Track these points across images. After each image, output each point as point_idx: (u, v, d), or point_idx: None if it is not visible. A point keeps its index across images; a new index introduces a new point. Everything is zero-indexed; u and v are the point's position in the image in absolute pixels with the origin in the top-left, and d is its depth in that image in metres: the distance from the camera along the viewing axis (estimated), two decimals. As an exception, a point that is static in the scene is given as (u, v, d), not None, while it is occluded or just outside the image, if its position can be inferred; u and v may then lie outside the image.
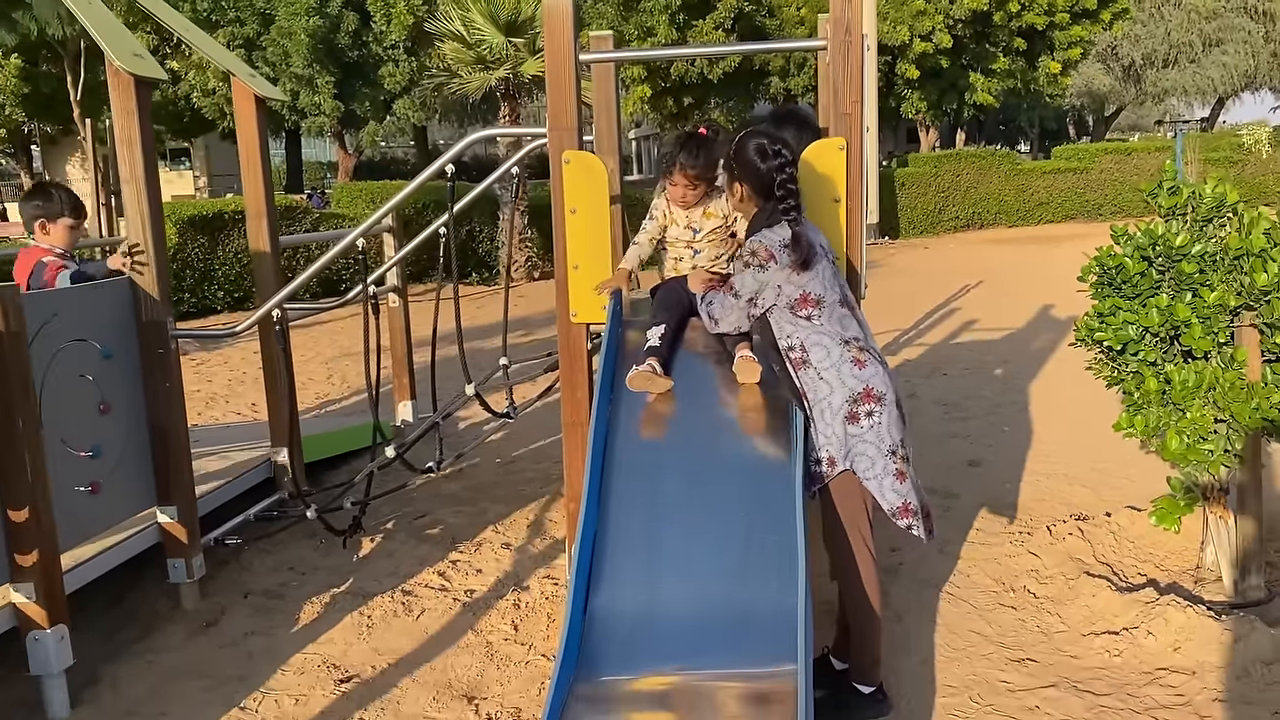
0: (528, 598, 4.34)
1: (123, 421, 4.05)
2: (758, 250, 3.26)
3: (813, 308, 3.27)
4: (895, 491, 3.26)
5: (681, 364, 3.74)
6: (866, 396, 3.22)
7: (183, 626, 4.22)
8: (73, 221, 4.32)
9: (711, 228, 3.74)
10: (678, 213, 3.73)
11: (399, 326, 6.65)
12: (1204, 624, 3.65)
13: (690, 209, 3.72)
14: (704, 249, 3.76)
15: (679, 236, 3.75)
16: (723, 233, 3.76)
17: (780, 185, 3.28)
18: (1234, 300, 3.70)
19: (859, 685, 3.33)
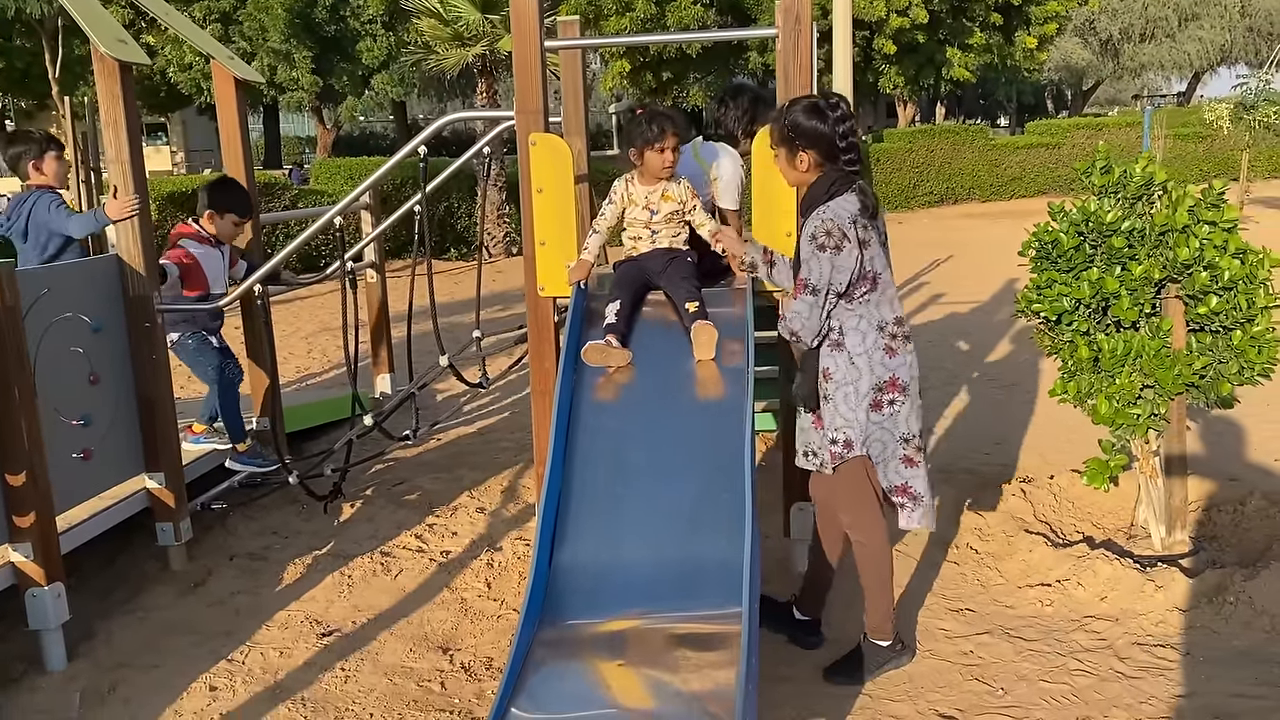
0: (500, 557, 4.57)
1: (112, 392, 4.25)
2: (831, 231, 3.16)
3: (869, 285, 3.25)
4: (898, 473, 3.38)
5: (641, 335, 3.97)
6: (891, 385, 3.30)
7: (172, 587, 4.44)
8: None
9: (669, 210, 3.94)
10: (636, 193, 3.94)
11: (377, 301, 6.85)
12: (1129, 575, 3.92)
13: (651, 188, 3.92)
14: (661, 230, 3.96)
15: (637, 218, 3.95)
16: (679, 217, 3.97)
17: (845, 140, 3.23)
18: (1159, 273, 3.95)
19: (877, 641, 3.51)
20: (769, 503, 4.66)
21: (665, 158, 3.80)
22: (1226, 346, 3.98)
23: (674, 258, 3.99)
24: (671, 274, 3.96)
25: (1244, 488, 4.62)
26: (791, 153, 3.33)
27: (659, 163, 3.82)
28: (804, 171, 3.34)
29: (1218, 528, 4.43)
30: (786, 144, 3.33)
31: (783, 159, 3.39)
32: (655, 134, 3.78)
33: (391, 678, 3.65)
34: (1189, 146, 22.29)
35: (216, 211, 5.00)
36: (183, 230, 4.95)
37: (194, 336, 5.02)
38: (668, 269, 3.97)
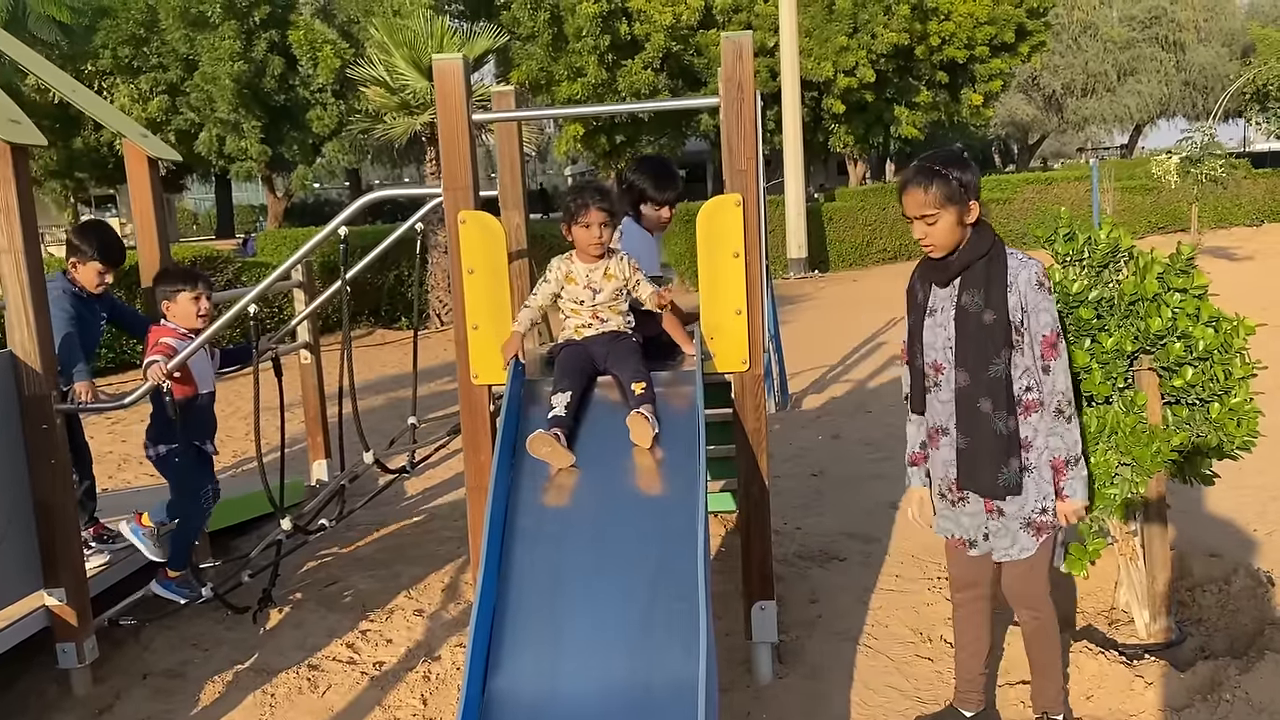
0: (438, 668, 4.20)
1: (5, 500, 3.86)
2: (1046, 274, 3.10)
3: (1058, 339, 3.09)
4: None
5: (586, 423, 3.67)
6: None
7: (74, 716, 4.02)
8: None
9: (613, 289, 3.67)
10: (577, 271, 3.67)
11: (312, 384, 6.50)
12: (1115, 670, 3.65)
13: (592, 266, 3.66)
14: (606, 314, 3.70)
15: (578, 297, 3.68)
16: (623, 295, 3.71)
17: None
18: (1131, 345, 3.73)
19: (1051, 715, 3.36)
20: (727, 594, 4.37)
21: (591, 234, 3.58)
22: (1204, 419, 3.76)
23: (618, 338, 3.72)
24: (616, 356, 3.69)
25: (1227, 565, 4.37)
26: (964, 208, 3.06)
27: (586, 239, 3.59)
28: (971, 223, 3.10)
29: (1203, 610, 4.17)
30: (957, 201, 3.05)
31: (952, 217, 3.06)
32: (577, 209, 3.56)
33: (311, 821, 3.26)
34: (1137, 198, 22.58)
35: (80, 259, 4.61)
36: (162, 332, 4.46)
37: (191, 449, 4.55)
38: (611, 351, 3.69)
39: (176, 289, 4.45)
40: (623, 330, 3.72)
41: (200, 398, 4.56)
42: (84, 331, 4.56)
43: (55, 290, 4.41)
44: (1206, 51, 42.08)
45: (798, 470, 6.75)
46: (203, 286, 4.51)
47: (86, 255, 4.60)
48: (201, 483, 4.59)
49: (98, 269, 4.62)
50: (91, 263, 4.60)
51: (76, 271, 4.62)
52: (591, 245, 3.60)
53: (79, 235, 4.67)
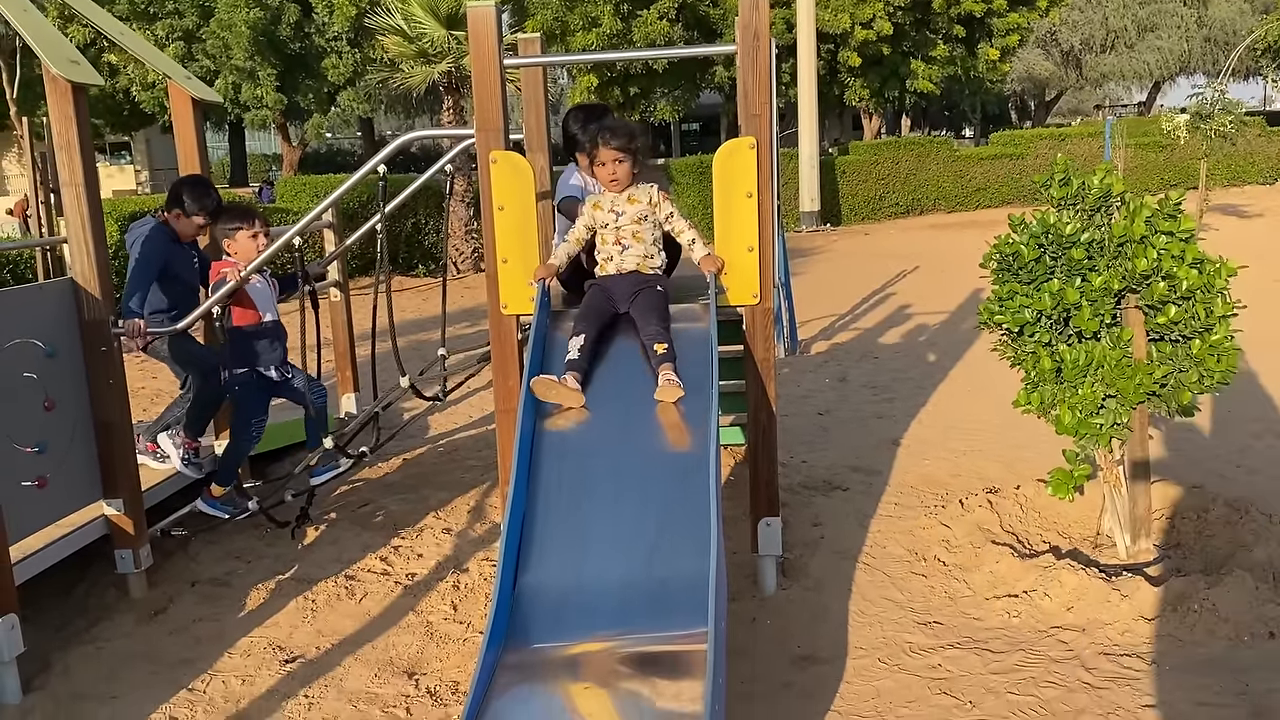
0: (467, 579, 4.52)
1: (68, 418, 4.17)
2: None
3: None
4: None
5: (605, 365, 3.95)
6: None
7: (131, 615, 4.36)
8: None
9: (636, 213, 3.90)
10: (604, 199, 3.93)
11: (341, 321, 6.77)
12: (1095, 585, 3.93)
13: (616, 195, 3.91)
14: (630, 243, 3.91)
15: (603, 221, 3.93)
16: (648, 225, 3.92)
17: None
18: (1119, 284, 3.98)
19: None
20: (736, 518, 4.66)
21: (605, 171, 3.86)
22: (1186, 355, 4.01)
23: (642, 288, 3.91)
24: (640, 306, 3.86)
25: (1207, 495, 4.65)
26: None
27: (602, 176, 3.90)
28: None
29: (1182, 535, 4.45)
30: None
31: None
32: (591, 149, 3.93)
33: (356, 704, 3.59)
34: (1150, 156, 22.59)
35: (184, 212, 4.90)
36: (224, 264, 4.79)
37: (250, 375, 4.90)
38: (635, 299, 3.88)
39: (236, 226, 4.76)
40: (647, 273, 3.92)
41: (264, 325, 4.89)
42: (180, 272, 4.88)
43: (155, 235, 4.75)
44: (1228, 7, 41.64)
45: (804, 410, 7.03)
46: (260, 223, 4.80)
47: (192, 210, 4.87)
48: (258, 410, 4.93)
49: (199, 223, 4.91)
50: (195, 217, 4.88)
51: (178, 222, 4.90)
52: (610, 182, 3.88)
53: (187, 191, 4.91)
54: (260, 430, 5.01)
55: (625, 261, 3.93)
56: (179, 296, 4.82)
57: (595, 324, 3.84)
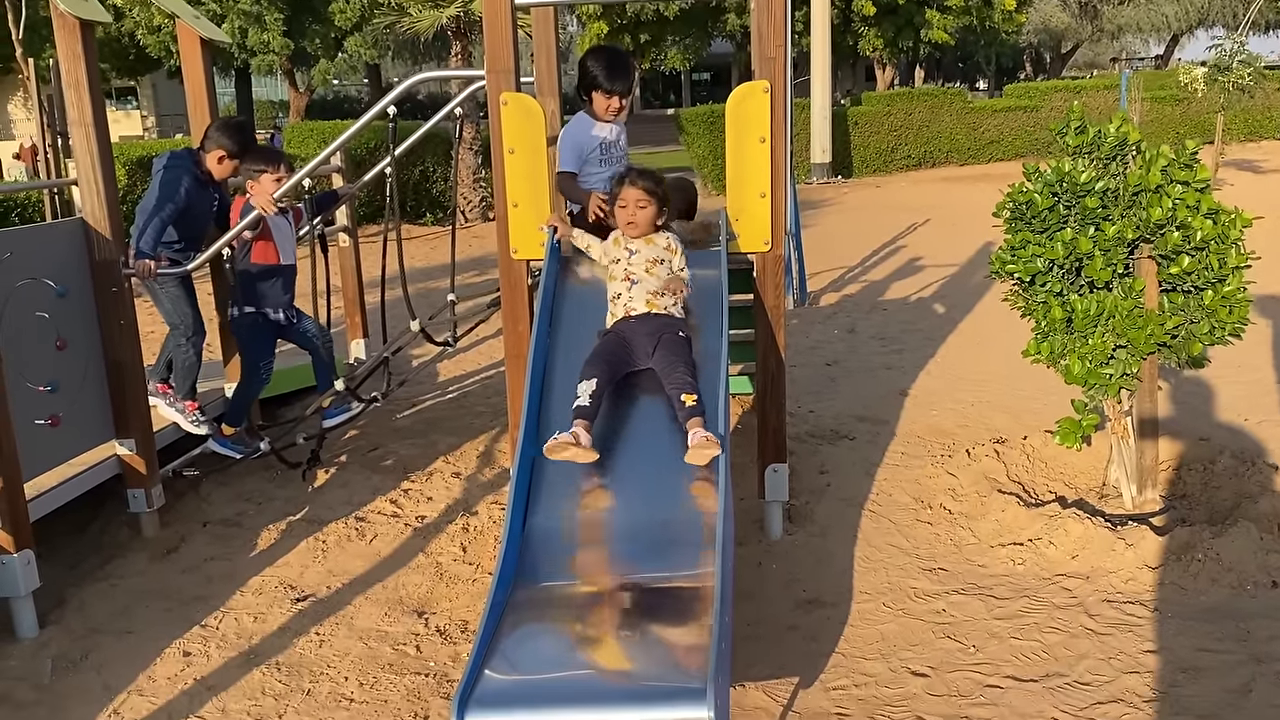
0: (476, 522, 4.57)
1: (80, 357, 4.19)
2: None
3: None
4: None
5: None
6: None
7: (144, 554, 4.41)
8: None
9: (651, 255, 3.67)
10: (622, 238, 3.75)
11: (350, 266, 6.77)
12: (1100, 534, 3.96)
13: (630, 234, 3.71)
14: (641, 278, 3.62)
15: (615, 255, 3.73)
16: (662, 267, 3.66)
17: None
18: (1132, 234, 3.96)
19: None
20: (744, 465, 4.68)
21: (625, 213, 3.68)
22: (1198, 306, 4.00)
23: (663, 334, 3.52)
24: (662, 356, 3.48)
25: (1214, 447, 4.66)
26: None
27: (621, 218, 3.70)
28: None
29: (1188, 487, 4.47)
30: None
31: None
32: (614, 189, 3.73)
33: (366, 641, 3.65)
34: (1166, 109, 22.32)
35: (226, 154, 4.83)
36: (244, 201, 4.83)
37: (256, 317, 4.94)
38: (657, 348, 3.50)
39: (261, 169, 4.75)
40: (661, 313, 3.57)
41: (278, 267, 4.92)
42: (200, 211, 4.84)
43: (178, 169, 4.69)
44: (1250, -42, 40.90)
45: (813, 360, 7.04)
46: (285, 168, 4.78)
47: (234, 153, 4.81)
48: (265, 353, 4.95)
49: (236, 165, 4.86)
50: (234, 160, 4.83)
51: (218, 164, 4.83)
52: (627, 225, 3.69)
53: (229, 134, 4.85)
54: (269, 372, 5.04)
55: (634, 300, 3.59)
56: (193, 237, 4.79)
57: (609, 370, 3.46)
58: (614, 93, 4.35)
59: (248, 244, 4.77)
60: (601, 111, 4.38)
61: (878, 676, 3.29)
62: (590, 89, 4.39)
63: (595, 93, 4.36)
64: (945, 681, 3.23)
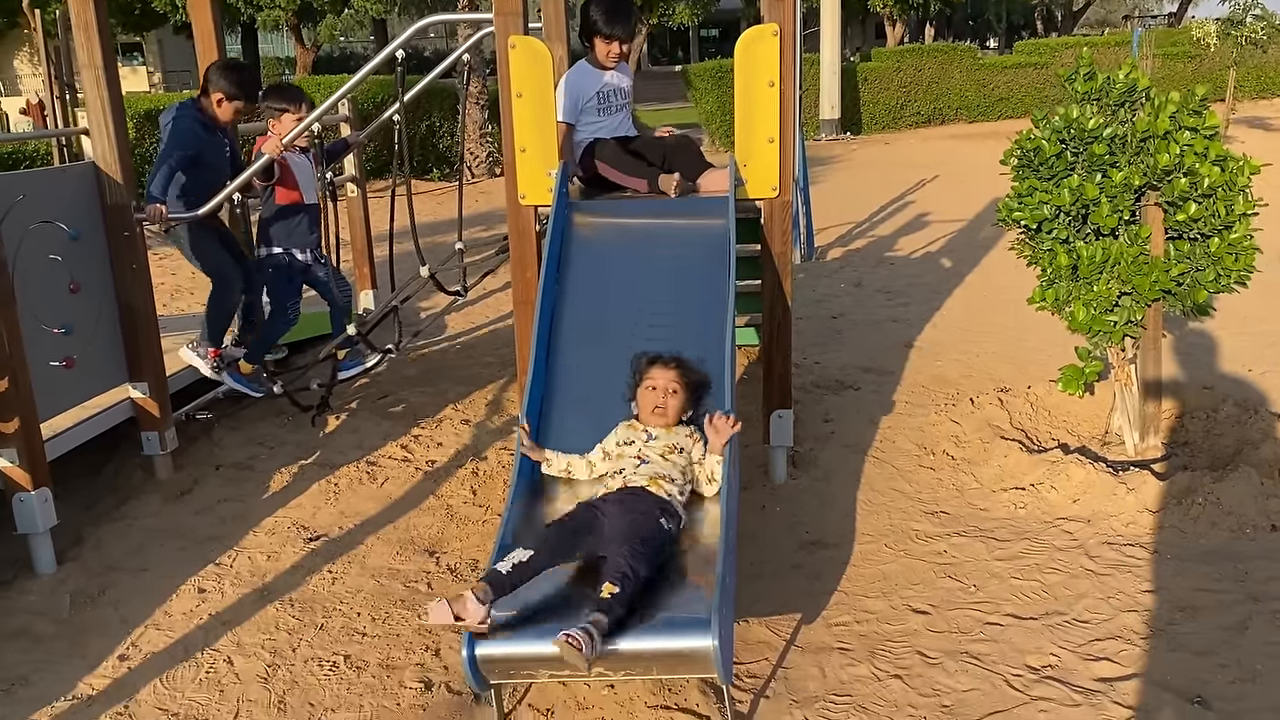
0: (485, 466, 4.62)
1: (93, 301, 4.24)
2: None
3: None
4: None
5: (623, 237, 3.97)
6: None
7: (158, 495, 4.48)
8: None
9: (670, 442, 3.15)
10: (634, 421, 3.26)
11: (358, 217, 6.80)
12: (1102, 479, 4.00)
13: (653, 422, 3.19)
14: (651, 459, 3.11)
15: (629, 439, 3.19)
16: (681, 456, 3.14)
17: None
18: (1139, 180, 3.96)
19: None
20: (749, 413, 4.72)
21: (654, 396, 3.21)
22: (1204, 254, 4.01)
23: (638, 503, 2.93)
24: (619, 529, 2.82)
25: (1217, 396, 4.68)
26: None
27: (649, 401, 3.22)
28: None
29: (1190, 434, 4.50)
30: None
31: None
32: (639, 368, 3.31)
33: (378, 579, 3.72)
34: (1178, 66, 22.10)
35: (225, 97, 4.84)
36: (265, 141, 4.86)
37: (283, 257, 5.05)
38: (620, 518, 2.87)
39: (283, 108, 4.81)
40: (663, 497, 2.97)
41: (304, 207, 5.00)
42: (211, 160, 4.85)
43: (185, 118, 4.73)
44: (1267, -86, 40.28)
45: (819, 314, 7.06)
46: (307, 108, 4.81)
47: (232, 94, 4.82)
48: (292, 293, 5.06)
49: (239, 107, 4.88)
50: (236, 101, 4.84)
51: (218, 107, 4.85)
52: (653, 411, 3.19)
53: (226, 75, 4.85)
54: (296, 313, 5.15)
55: (637, 476, 3.02)
56: (209, 185, 4.80)
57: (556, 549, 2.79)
58: (614, 37, 4.36)
59: (270, 187, 4.83)
60: (603, 58, 4.40)
61: (879, 613, 3.35)
62: (591, 34, 4.40)
63: (596, 38, 4.39)
64: (946, 619, 3.29)
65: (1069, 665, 3.00)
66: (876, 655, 3.12)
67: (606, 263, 3.97)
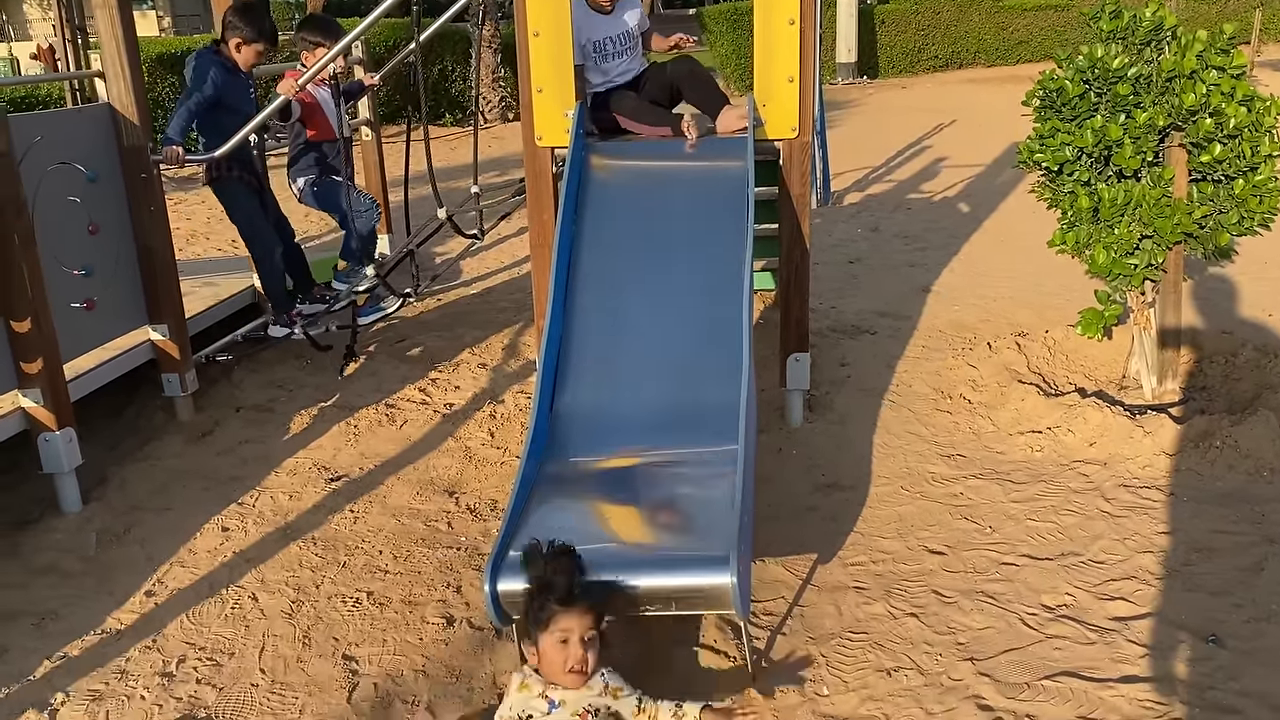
0: (502, 409, 4.65)
1: (112, 243, 4.25)
2: None
3: None
4: None
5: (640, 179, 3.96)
6: None
7: (179, 436, 4.53)
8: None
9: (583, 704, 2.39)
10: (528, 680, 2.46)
11: (373, 161, 6.77)
12: (1119, 422, 4.00)
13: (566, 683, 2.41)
14: None
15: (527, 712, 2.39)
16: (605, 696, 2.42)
17: None
18: (1163, 120, 3.91)
19: None
20: (766, 357, 4.73)
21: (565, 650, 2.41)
22: (1228, 196, 3.96)
23: None
24: None
25: (1236, 341, 4.66)
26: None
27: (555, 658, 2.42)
28: None
29: (1208, 379, 4.49)
30: None
31: None
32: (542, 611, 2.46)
33: (399, 518, 3.76)
34: (1202, 8, 21.65)
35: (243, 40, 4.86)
36: (295, 74, 4.85)
37: (320, 179, 5.21)
38: None
39: (318, 41, 4.80)
40: None
41: (332, 142, 5.13)
42: (236, 103, 4.85)
43: (205, 62, 4.76)
44: None
45: (835, 259, 7.03)
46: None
47: (250, 37, 4.83)
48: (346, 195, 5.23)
49: (258, 50, 4.88)
50: (255, 44, 4.85)
51: (238, 52, 4.85)
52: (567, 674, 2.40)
53: (243, 18, 4.85)
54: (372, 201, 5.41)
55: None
56: (234, 129, 4.78)
57: None
58: None
59: (298, 123, 4.93)
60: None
61: (895, 554, 3.38)
62: None
63: None
64: (961, 559, 3.32)
65: (1084, 605, 3.03)
66: (892, 594, 3.15)
67: (624, 205, 3.95)
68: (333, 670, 2.94)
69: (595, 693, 2.41)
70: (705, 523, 2.85)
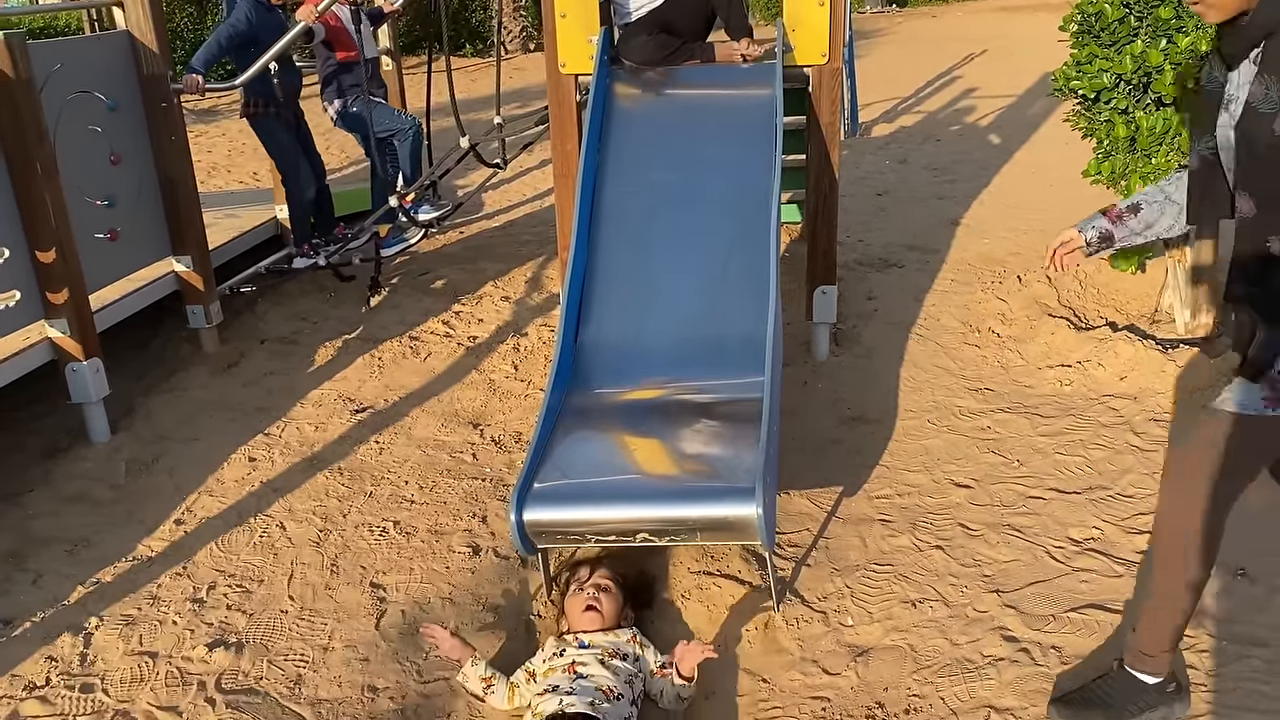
0: (526, 342, 4.64)
1: (134, 173, 4.23)
2: None
3: None
4: None
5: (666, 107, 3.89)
6: None
7: (205, 368, 4.55)
8: None
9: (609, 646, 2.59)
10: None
11: (394, 90, 6.67)
12: (1151, 356, 3.94)
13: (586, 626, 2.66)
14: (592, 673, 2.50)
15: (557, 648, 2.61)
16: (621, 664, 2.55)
17: None
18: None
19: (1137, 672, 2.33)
20: (792, 290, 4.68)
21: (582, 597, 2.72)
22: (1270, 124, 3.84)
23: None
24: None
25: (1273, 274, 4.56)
26: None
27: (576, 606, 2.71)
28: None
29: (1243, 313, 4.40)
30: None
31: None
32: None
33: (424, 449, 3.78)
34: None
35: None
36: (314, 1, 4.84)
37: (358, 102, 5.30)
38: None
39: None
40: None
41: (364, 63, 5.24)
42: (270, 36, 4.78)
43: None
44: None
45: (863, 191, 6.92)
46: None
47: None
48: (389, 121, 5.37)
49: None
50: None
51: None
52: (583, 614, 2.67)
53: None
54: (414, 120, 5.51)
55: (574, 700, 2.39)
56: None
57: None
58: None
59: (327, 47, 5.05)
60: None
61: (921, 487, 3.36)
62: None
63: None
64: (988, 492, 3.30)
65: (1111, 538, 3.00)
66: (918, 527, 3.14)
67: (649, 134, 3.89)
68: (360, 597, 2.97)
69: (624, 639, 2.65)
70: (730, 455, 2.84)
